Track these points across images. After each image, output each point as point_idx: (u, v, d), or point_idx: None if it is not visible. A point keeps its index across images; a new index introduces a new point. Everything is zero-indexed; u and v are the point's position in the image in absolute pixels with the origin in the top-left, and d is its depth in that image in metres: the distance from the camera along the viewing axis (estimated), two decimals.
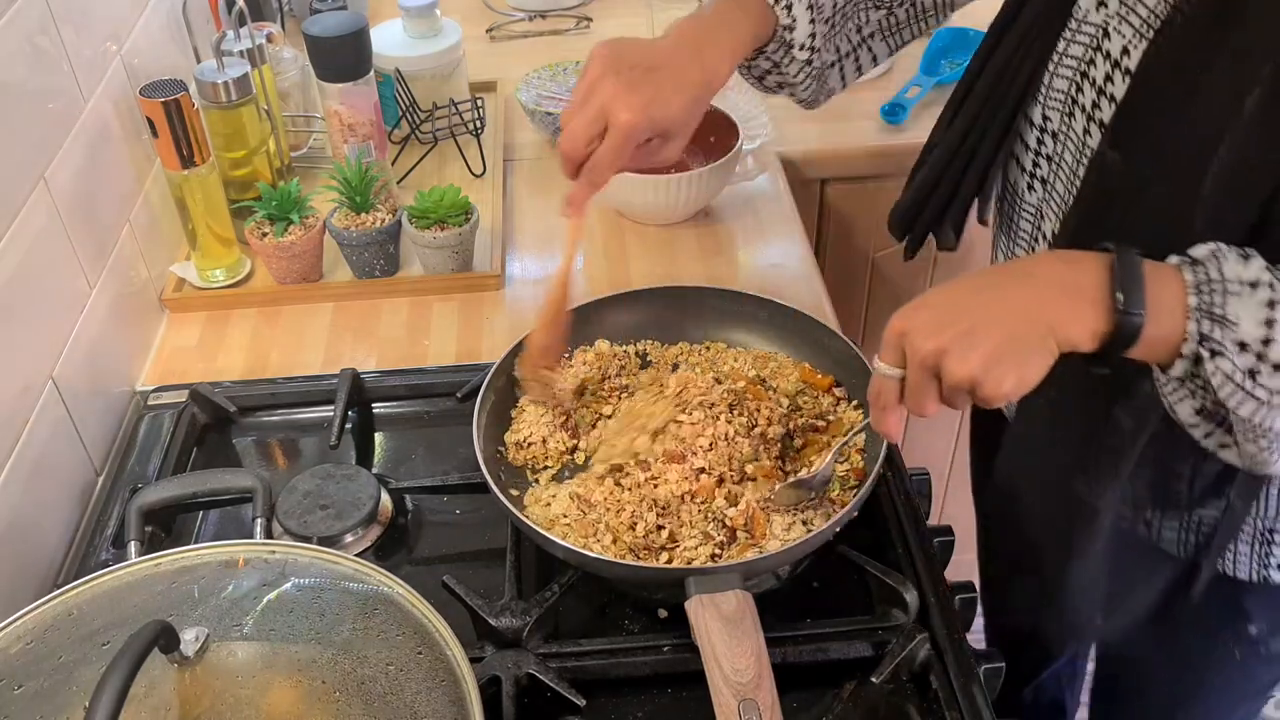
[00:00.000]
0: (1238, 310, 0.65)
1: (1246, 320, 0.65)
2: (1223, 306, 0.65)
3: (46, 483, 0.94)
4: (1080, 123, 0.80)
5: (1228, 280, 0.66)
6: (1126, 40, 0.75)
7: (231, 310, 1.21)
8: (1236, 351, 0.65)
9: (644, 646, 0.84)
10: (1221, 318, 0.65)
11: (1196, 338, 0.66)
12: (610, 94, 0.84)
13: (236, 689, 0.64)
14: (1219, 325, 0.65)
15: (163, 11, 1.29)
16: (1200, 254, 0.67)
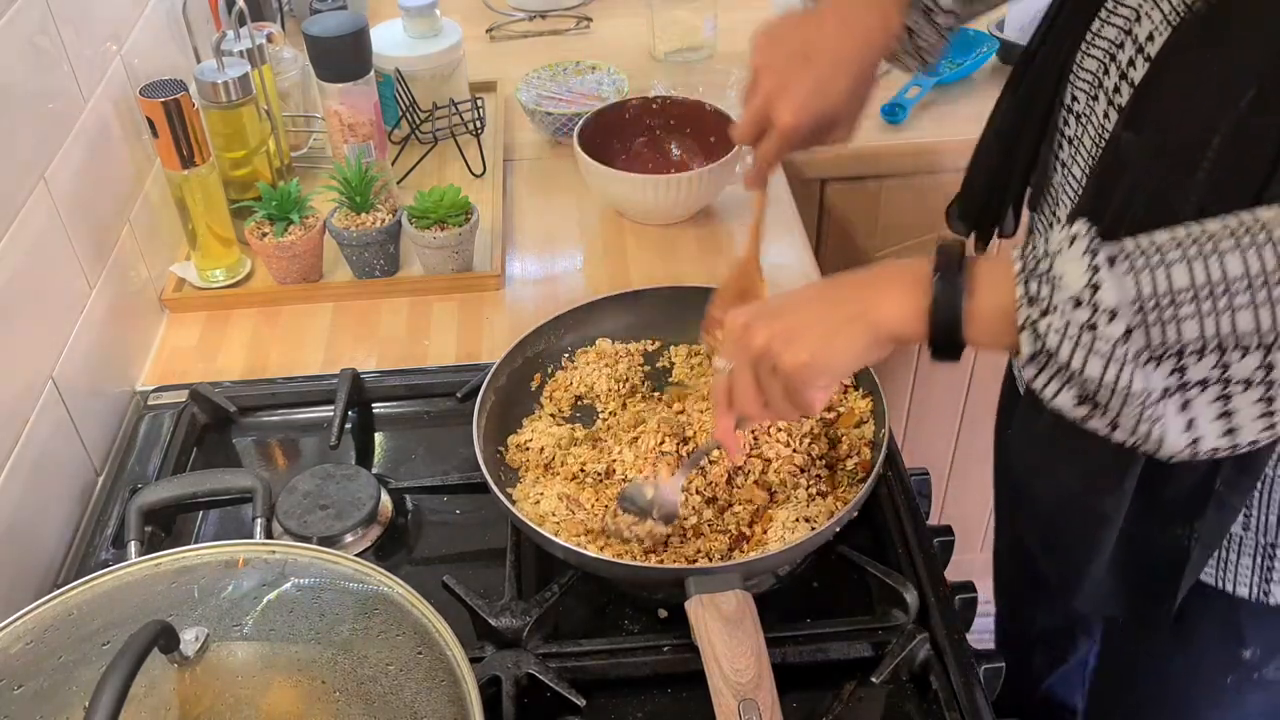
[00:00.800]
0: (1063, 267, 0.62)
1: (1072, 273, 0.61)
2: (1048, 266, 0.63)
3: (46, 483, 0.94)
4: (1101, 105, 0.80)
5: (1051, 244, 0.63)
6: (1154, 25, 0.74)
7: (231, 310, 1.21)
8: (1070, 307, 0.61)
9: (644, 646, 0.84)
10: (1046, 274, 0.62)
11: (1025, 299, 0.63)
12: (769, 90, 0.84)
13: (236, 689, 0.64)
14: (1044, 283, 0.62)
15: (163, 11, 1.30)
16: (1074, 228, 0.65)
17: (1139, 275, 0.59)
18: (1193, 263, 0.59)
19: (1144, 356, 0.60)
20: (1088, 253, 0.60)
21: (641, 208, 1.29)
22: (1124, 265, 0.60)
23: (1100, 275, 0.60)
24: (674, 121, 1.37)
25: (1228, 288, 0.58)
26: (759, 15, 1.64)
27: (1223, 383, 0.60)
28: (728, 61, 1.62)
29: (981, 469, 1.86)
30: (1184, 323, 0.59)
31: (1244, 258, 0.58)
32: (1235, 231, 0.58)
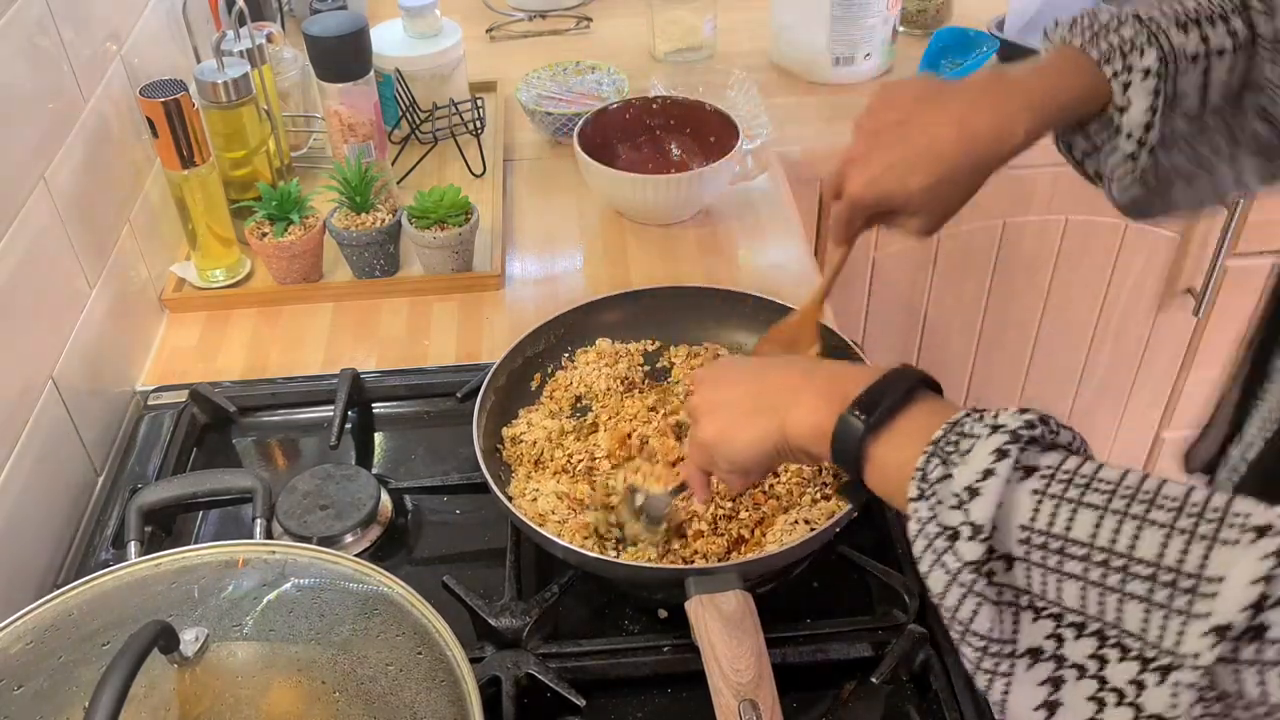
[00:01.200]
0: (973, 455, 0.51)
1: (972, 464, 0.51)
2: (965, 451, 0.52)
3: (46, 483, 0.94)
4: None
5: (986, 421, 0.53)
6: None
7: (231, 310, 1.21)
8: (948, 503, 0.52)
9: (644, 646, 0.84)
10: (949, 459, 0.53)
11: (919, 474, 0.54)
12: (853, 154, 0.77)
13: (236, 689, 0.64)
14: (944, 466, 0.53)
15: (162, 11, 1.30)
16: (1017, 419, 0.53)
17: (1044, 500, 0.49)
18: (1105, 516, 0.47)
19: (1023, 600, 0.51)
20: (997, 451, 0.51)
21: (641, 208, 1.29)
22: (1039, 482, 0.50)
23: (989, 481, 0.50)
24: (674, 121, 1.37)
25: (1127, 566, 0.46)
26: (759, 15, 1.65)
27: (1099, 681, 0.48)
28: (728, 61, 1.62)
29: None
30: (1066, 581, 0.49)
31: (1166, 541, 0.45)
32: (1185, 508, 0.46)
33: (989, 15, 1.59)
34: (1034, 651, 0.51)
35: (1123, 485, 0.48)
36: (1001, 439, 0.51)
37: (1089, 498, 0.48)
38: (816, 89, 1.57)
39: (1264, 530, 0.44)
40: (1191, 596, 0.44)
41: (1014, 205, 1.52)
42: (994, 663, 0.52)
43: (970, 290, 1.62)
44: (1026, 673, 0.51)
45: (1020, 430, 0.51)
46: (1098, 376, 1.72)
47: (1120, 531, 0.47)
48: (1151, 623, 0.46)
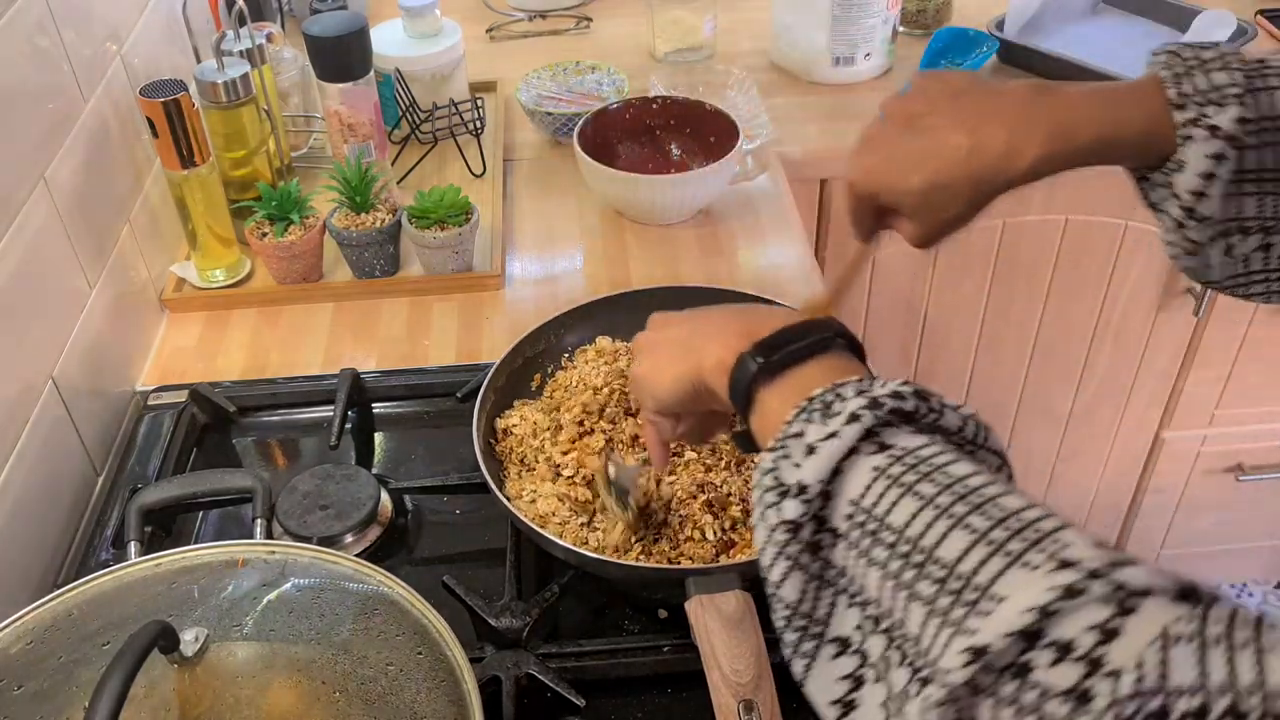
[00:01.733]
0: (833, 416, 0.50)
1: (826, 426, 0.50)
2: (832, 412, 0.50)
3: (46, 483, 0.94)
4: None
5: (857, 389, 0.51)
6: None
7: (231, 310, 1.21)
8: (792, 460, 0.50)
9: (644, 646, 0.84)
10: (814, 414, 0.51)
11: (785, 427, 0.52)
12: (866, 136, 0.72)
13: (236, 689, 0.64)
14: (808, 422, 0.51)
15: (163, 11, 1.30)
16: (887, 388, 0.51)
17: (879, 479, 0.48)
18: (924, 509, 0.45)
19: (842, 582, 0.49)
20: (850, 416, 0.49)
21: (641, 208, 1.29)
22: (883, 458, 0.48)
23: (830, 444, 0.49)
24: (674, 121, 1.37)
25: (925, 562, 0.44)
26: (759, 15, 1.65)
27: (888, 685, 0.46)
28: (728, 61, 1.62)
29: None
30: (871, 570, 0.47)
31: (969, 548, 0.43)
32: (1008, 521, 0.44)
33: (989, 15, 1.59)
34: (841, 641, 0.49)
35: (962, 483, 0.46)
36: (859, 402, 0.50)
37: (921, 486, 0.46)
38: (816, 89, 1.56)
39: (1070, 564, 0.40)
40: (969, 610, 0.42)
41: (1014, 205, 1.52)
42: (797, 636, 0.51)
43: (970, 290, 1.62)
44: (830, 662, 0.50)
45: (883, 398, 0.49)
46: (1098, 376, 1.72)
47: (932, 527, 0.45)
48: (927, 628, 0.43)
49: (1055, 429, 1.79)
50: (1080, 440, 1.80)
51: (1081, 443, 1.81)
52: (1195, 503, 1.90)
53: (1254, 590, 2.12)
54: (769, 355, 0.58)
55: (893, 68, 1.59)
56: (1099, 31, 1.62)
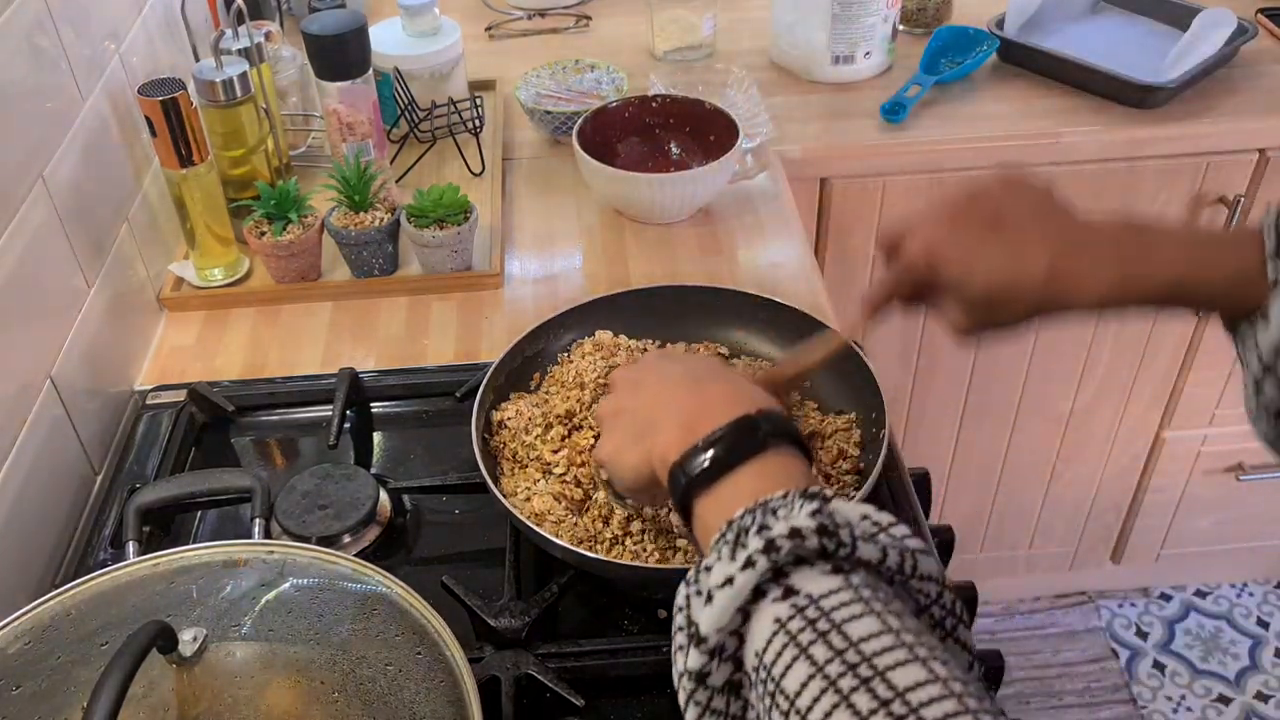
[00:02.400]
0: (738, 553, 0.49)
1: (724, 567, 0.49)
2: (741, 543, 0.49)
3: (44, 482, 0.94)
4: None
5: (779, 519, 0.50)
6: None
7: (230, 309, 1.21)
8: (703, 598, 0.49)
9: (644, 646, 0.84)
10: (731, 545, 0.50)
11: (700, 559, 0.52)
12: (930, 218, 0.71)
13: (235, 689, 0.64)
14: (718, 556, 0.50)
15: (161, 10, 1.29)
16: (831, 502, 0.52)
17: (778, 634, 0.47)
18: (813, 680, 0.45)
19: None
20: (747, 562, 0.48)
21: (641, 207, 1.29)
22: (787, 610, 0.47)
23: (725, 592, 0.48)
24: (673, 120, 1.37)
25: None
26: (759, 15, 1.65)
27: None
28: (727, 60, 1.62)
29: (981, 469, 1.86)
30: None
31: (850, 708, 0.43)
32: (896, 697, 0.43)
33: (989, 14, 1.59)
34: None
35: (856, 649, 0.45)
36: (757, 544, 0.48)
37: (815, 649, 0.45)
38: (816, 88, 1.56)
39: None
40: None
41: None
42: None
43: None
44: None
45: (780, 540, 0.48)
46: (1098, 376, 1.72)
47: (819, 701, 0.44)
48: None
49: (1055, 429, 1.78)
50: (1080, 440, 1.80)
51: (1081, 443, 1.80)
52: (1195, 503, 1.90)
53: (1254, 590, 2.13)
54: (699, 463, 0.56)
55: (893, 66, 1.59)
56: (1099, 30, 1.62)
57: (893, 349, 1.67)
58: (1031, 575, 2.03)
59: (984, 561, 1.97)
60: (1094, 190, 1.47)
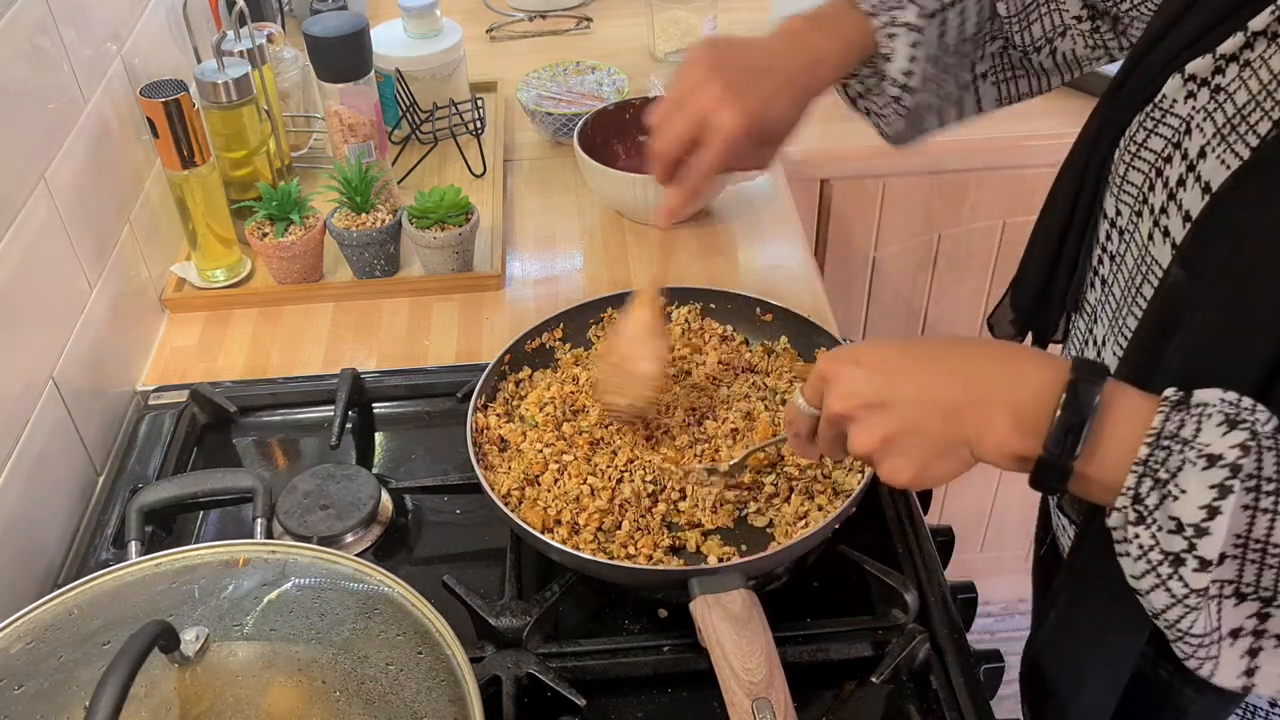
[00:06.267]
0: (1188, 481, 0.54)
1: (1192, 495, 0.53)
2: (1175, 468, 0.54)
3: (47, 482, 0.94)
4: (1146, 225, 0.70)
5: (1197, 443, 0.54)
6: (1206, 139, 0.64)
7: (232, 310, 1.21)
8: (1167, 529, 0.54)
9: (644, 646, 0.84)
10: (1166, 482, 0.55)
11: (1130, 495, 0.56)
12: (714, 96, 0.80)
13: (237, 689, 0.64)
14: (1158, 487, 0.55)
15: (163, 11, 1.30)
16: (1199, 399, 0.56)
17: (1259, 515, 0.53)
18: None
19: (1227, 590, 0.55)
20: (1219, 488, 0.53)
21: (641, 208, 1.29)
22: (1249, 497, 0.53)
23: (1217, 520, 0.53)
24: None
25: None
26: (759, 16, 1.65)
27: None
28: None
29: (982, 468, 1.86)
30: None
31: None
32: None
33: None
34: (1235, 631, 0.55)
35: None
36: (1220, 475, 0.53)
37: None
38: None
39: None
40: None
41: (1014, 205, 1.52)
42: (1205, 652, 0.56)
43: (970, 290, 1.62)
44: (1230, 649, 0.56)
45: (1238, 462, 0.53)
46: None
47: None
48: None
49: None
50: None
51: None
52: None
53: None
54: (1073, 446, 0.58)
55: None
56: None
57: None
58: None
59: (984, 561, 1.97)
60: None
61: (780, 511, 0.88)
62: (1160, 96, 0.69)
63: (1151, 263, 0.69)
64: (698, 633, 0.77)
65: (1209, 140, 0.64)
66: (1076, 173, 0.78)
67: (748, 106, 0.80)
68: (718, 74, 0.81)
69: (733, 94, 0.80)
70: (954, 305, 1.63)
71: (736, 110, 0.79)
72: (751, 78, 0.81)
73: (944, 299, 1.62)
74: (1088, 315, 0.81)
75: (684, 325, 1.05)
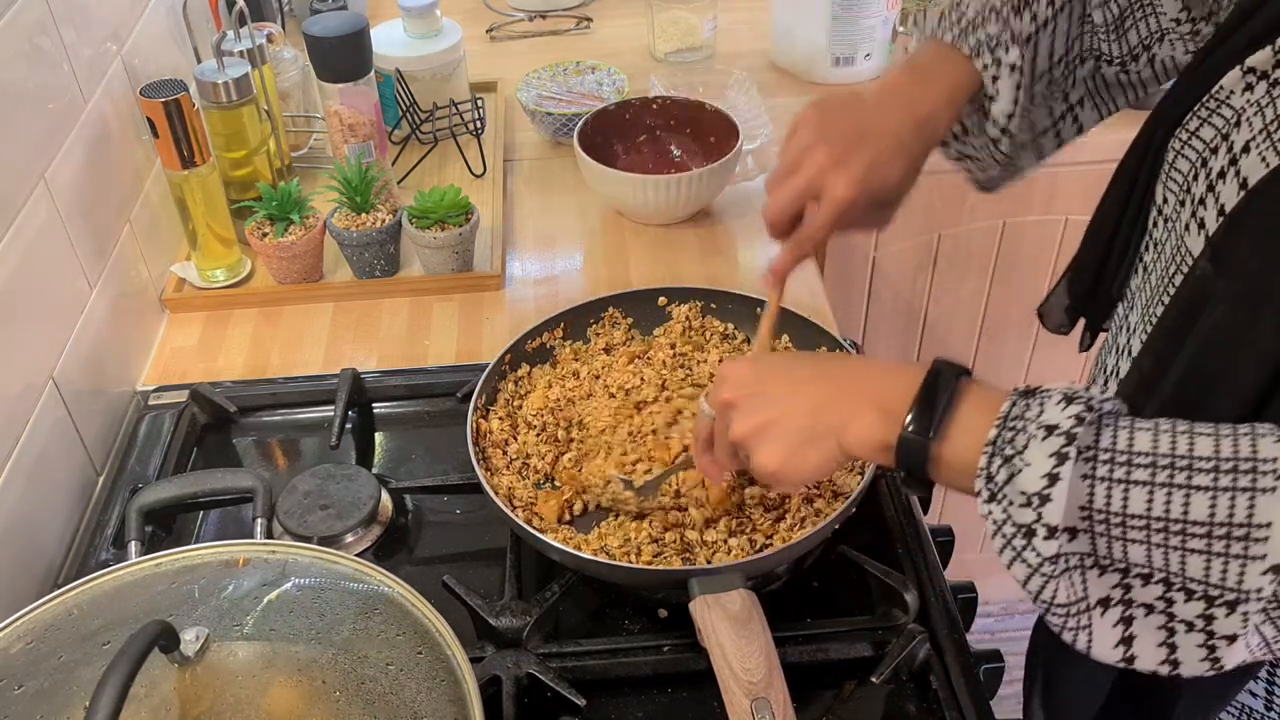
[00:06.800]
0: (1032, 455, 0.57)
1: (1035, 466, 0.56)
2: (1021, 445, 0.58)
3: (47, 482, 0.94)
4: (1185, 215, 0.71)
5: (1039, 420, 0.57)
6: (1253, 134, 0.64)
7: (232, 310, 1.21)
8: (1016, 504, 0.57)
9: (644, 646, 0.84)
10: (1012, 456, 0.58)
11: (984, 474, 0.59)
12: (821, 166, 0.80)
13: (237, 689, 0.64)
14: (1006, 465, 0.58)
15: (163, 11, 1.30)
16: (1045, 388, 0.60)
17: (1097, 484, 0.56)
18: (1155, 491, 0.55)
19: (1088, 561, 0.58)
20: (1056, 455, 0.56)
21: (641, 208, 1.29)
22: (1087, 467, 0.56)
23: (1057, 487, 0.55)
24: (674, 121, 1.37)
25: (1184, 529, 0.54)
26: (759, 15, 1.65)
27: (1167, 615, 0.57)
28: (728, 61, 1.62)
29: None
30: (1131, 545, 0.56)
31: (1213, 502, 0.53)
32: (1221, 466, 0.53)
33: None
34: (1103, 601, 0.58)
35: (1158, 454, 0.55)
36: (1058, 443, 0.56)
37: (1135, 475, 0.55)
38: (816, 89, 1.56)
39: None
40: (1245, 544, 0.52)
41: (1014, 205, 1.52)
42: (1075, 621, 0.59)
43: (970, 290, 1.62)
44: (1101, 619, 0.58)
45: (1073, 430, 0.56)
46: None
47: (1171, 502, 0.54)
48: (1213, 570, 0.54)
49: None
50: None
51: None
52: None
53: None
54: (928, 426, 0.62)
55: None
56: None
57: (893, 348, 1.67)
58: None
59: (984, 561, 1.96)
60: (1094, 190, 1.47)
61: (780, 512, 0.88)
62: (1218, 87, 0.69)
63: (1185, 252, 0.70)
64: (697, 633, 0.77)
65: (1254, 135, 0.64)
66: (1134, 160, 0.78)
67: (855, 174, 0.79)
68: (825, 141, 0.80)
69: (840, 162, 0.79)
70: (954, 305, 1.63)
71: (845, 179, 0.79)
72: (859, 143, 0.80)
73: (944, 299, 1.62)
74: (1127, 301, 0.82)
75: (684, 323, 1.06)
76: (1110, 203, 0.81)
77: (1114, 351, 0.83)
